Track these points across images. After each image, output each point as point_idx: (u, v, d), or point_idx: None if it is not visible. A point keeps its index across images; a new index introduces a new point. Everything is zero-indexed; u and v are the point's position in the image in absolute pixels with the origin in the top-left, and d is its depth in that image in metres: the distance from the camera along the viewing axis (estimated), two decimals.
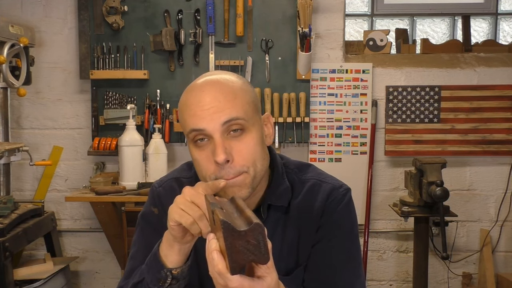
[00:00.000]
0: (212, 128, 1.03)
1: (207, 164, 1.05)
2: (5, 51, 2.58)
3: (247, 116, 1.06)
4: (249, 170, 1.06)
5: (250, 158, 1.06)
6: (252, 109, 1.08)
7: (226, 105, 1.03)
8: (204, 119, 1.03)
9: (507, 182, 3.24)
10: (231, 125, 1.04)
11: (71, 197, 2.87)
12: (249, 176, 1.06)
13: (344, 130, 3.19)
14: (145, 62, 3.10)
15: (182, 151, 3.18)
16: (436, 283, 3.31)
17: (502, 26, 3.74)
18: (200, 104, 1.04)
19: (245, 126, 1.05)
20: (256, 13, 3.09)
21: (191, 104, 1.06)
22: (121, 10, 3.04)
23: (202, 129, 1.04)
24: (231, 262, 0.83)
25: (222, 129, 1.03)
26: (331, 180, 1.21)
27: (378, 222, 3.28)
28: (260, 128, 1.10)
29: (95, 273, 3.34)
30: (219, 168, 1.04)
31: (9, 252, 2.35)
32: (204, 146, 1.06)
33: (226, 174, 1.04)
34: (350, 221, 1.19)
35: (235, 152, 1.04)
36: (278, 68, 3.11)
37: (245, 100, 1.07)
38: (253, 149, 1.06)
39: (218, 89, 1.05)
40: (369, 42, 3.26)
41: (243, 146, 1.05)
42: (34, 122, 3.22)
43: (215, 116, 1.03)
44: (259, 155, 1.08)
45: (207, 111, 1.03)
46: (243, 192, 1.06)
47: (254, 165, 1.06)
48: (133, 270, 1.17)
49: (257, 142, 1.08)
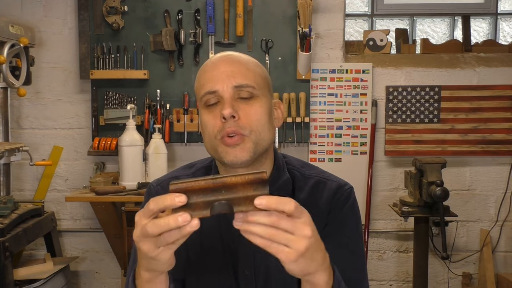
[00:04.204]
0: (223, 89, 1.09)
1: (214, 121, 1.09)
2: (5, 51, 2.58)
3: (258, 86, 1.12)
4: (251, 134, 1.09)
5: (255, 122, 1.09)
6: (263, 83, 1.14)
7: (239, 72, 1.11)
8: (218, 82, 1.10)
9: (507, 182, 3.24)
10: (241, 90, 1.10)
11: (71, 197, 2.87)
12: (251, 140, 1.09)
13: (344, 130, 3.19)
14: (145, 62, 3.10)
15: (182, 151, 3.18)
16: (436, 283, 3.31)
17: (502, 26, 3.74)
18: (216, 70, 1.12)
19: (254, 94, 1.11)
20: (256, 13, 3.09)
21: (207, 71, 1.14)
22: (121, 10, 3.04)
23: (215, 90, 1.10)
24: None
25: (233, 91, 1.09)
26: (335, 178, 1.22)
27: (378, 222, 3.28)
28: (270, 104, 1.15)
29: (95, 273, 3.34)
30: (224, 124, 1.07)
31: (9, 252, 2.35)
32: (213, 108, 1.11)
33: (228, 126, 1.07)
34: (356, 219, 1.19)
35: (242, 113, 1.09)
36: (278, 68, 3.11)
37: (258, 73, 1.14)
38: (259, 114, 1.10)
39: (234, 60, 1.13)
40: (369, 42, 3.26)
41: (251, 109, 1.10)
42: (34, 122, 3.22)
43: (227, 79, 1.10)
44: (265, 124, 1.11)
45: (221, 74, 1.10)
46: (244, 155, 1.08)
47: (257, 131, 1.10)
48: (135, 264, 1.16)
49: (265, 112, 1.12)
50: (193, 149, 3.16)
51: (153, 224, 0.80)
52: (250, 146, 1.08)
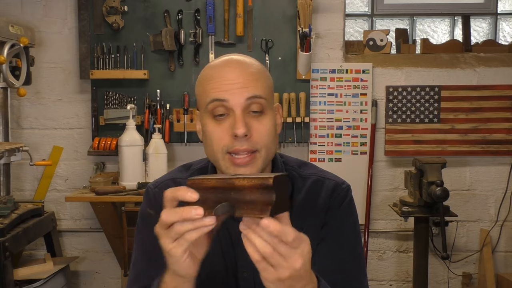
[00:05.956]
0: (235, 101, 1.05)
1: (223, 135, 1.06)
2: (5, 51, 2.58)
3: (267, 96, 1.09)
4: (261, 150, 1.07)
5: (266, 139, 1.08)
6: (270, 94, 1.12)
7: (251, 83, 1.06)
8: (228, 91, 1.05)
9: (507, 182, 3.24)
10: (253, 102, 1.06)
11: (71, 197, 2.87)
12: (261, 156, 1.07)
13: (344, 130, 3.19)
14: (145, 62, 3.10)
15: (182, 151, 3.18)
16: (436, 283, 3.31)
17: (502, 26, 3.74)
18: (225, 78, 1.06)
19: (265, 107, 1.08)
20: (256, 13, 3.09)
21: (214, 78, 1.07)
22: (121, 10, 3.04)
23: (225, 99, 1.05)
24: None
25: (245, 104, 1.05)
26: (332, 177, 1.21)
27: (378, 222, 3.28)
28: (274, 115, 1.13)
29: (95, 273, 3.34)
30: (234, 141, 1.05)
31: (9, 252, 2.35)
32: (222, 120, 1.07)
33: (240, 145, 1.05)
34: (354, 218, 1.19)
35: (254, 130, 1.06)
36: (278, 68, 3.11)
37: (266, 84, 1.10)
38: (269, 130, 1.08)
39: (244, 68, 1.08)
40: (369, 42, 3.26)
41: (261, 126, 1.07)
42: (34, 122, 3.22)
43: (239, 91, 1.05)
44: (272, 139, 1.10)
45: (231, 85, 1.05)
46: (253, 171, 1.07)
47: (267, 146, 1.08)
48: (138, 277, 1.16)
49: (273, 126, 1.10)
50: (193, 149, 3.16)
51: (167, 211, 0.86)
52: (259, 163, 1.07)
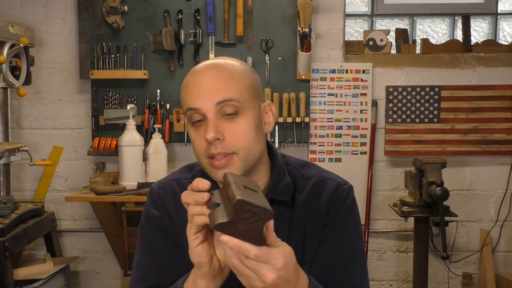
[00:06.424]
0: (206, 107, 1.06)
1: (200, 142, 1.08)
2: (5, 51, 2.58)
3: (242, 98, 1.07)
4: (239, 152, 1.06)
5: (242, 140, 1.07)
6: (249, 94, 1.09)
7: (222, 86, 1.06)
8: (200, 98, 1.06)
9: (507, 182, 3.24)
10: (225, 105, 1.05)
11: (71, 197, 2.87)
12: (239, 159, 1.07)
13: (344, 130, 3.19)
14: (145, 62, 3.10)
15: (182, 151, 3.18)
16: (436, 283, 3.31)
17: (502, 26, 3.74)
18: (198, 85, 1.07)
19: (239, 109, 1.07)
20: (256, 13, 3.09)
21: (189, 85, 1.10)
22: (121, 10, 3.04)
23: (197, 108, 1.07)
24: (249, 240, 0.85)
25: (216, 109, 1.06)
26: (335, 177, 1.21)
27: (378, 222, 3.28)
28: (257, 114, 1.11)
29: (95, 273, 3.34)
30: (209, 145, 1.06)
31: (9, 252, 2.35)
32: (200, 126, 1.08)
33: (214, 149, 1.05)
34: (356, 218, 1.19)
35: (227, 133, 1.06)
36: (278, 68, 3.11)
37: (242, 84, 1.08)
38: (246, 131, 1.07)
39: (216, 71, 1.08)
40: (369, 42, 3.26)
41: (236, 128, 1.06)
42: (34, 122, 3.22)
43: (210, 96, 1.06)
44: (252, 140, 1.08)
45: (203, 91, 1.06)
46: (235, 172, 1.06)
47: (245, 148, 1.07)
48: (142, 276, 1.16)
49: (251, 126, 1.08)
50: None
51: (184, 192, 0.94)
52: (239, 165, 1.07)
